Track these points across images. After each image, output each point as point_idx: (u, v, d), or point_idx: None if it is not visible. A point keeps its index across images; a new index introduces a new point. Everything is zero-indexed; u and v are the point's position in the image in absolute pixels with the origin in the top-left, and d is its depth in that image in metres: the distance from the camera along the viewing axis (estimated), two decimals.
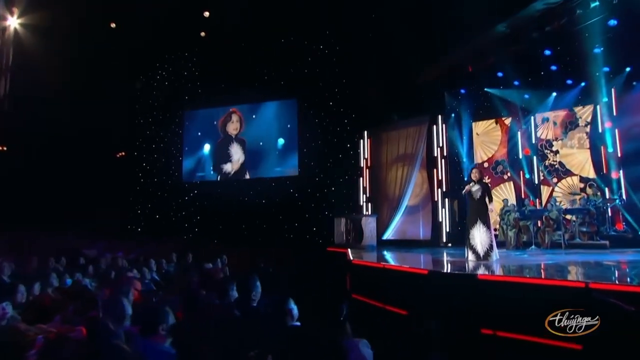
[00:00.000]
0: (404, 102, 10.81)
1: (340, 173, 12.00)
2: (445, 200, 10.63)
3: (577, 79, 10.09)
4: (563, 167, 10.64)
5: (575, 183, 10.42)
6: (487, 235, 6.49)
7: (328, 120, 12.33)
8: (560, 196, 10.60)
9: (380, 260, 7.15)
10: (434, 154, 10.82)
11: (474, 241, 6.54)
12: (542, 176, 10.91)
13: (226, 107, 13.55)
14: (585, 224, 9.49)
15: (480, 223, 6.51)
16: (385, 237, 11.01)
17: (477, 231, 6.51)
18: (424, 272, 5.32)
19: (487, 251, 6.48)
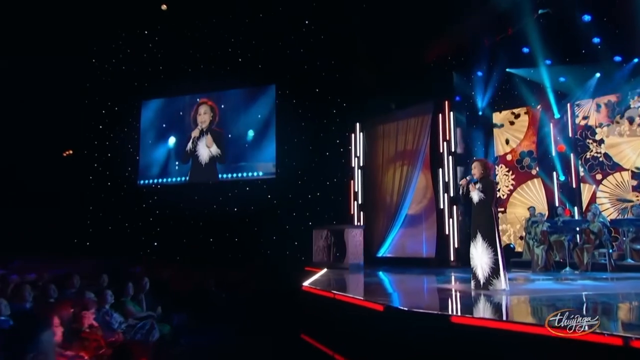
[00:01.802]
0: (404, 87, 10.03)
1: (326, 175, 11.35)
2: (454, 209, 9.62)
3: (629, 54, 9.08)
4: (609, 160, 9.52)
5: (627, 181, 9.29)
6: (490, 255, 5.10)
7: (313, 111, 11.57)
8: (606, 202, 9.54)
9: (340, 287, 5.92)
10: (440, 150, 9.90)
11: (473, 263, 5.24)
12: (581, 173, 9.72)
13: (194, 95, 12.82)
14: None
15: (480, 237, 5.14)
16: (381, 254, 10.38)
17: (475, 249, 5.18)
18: (379, 308, 3.87)
19: (488, 278, 5.10)
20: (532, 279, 7.13)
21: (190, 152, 12.65)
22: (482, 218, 5.21)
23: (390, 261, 10.07)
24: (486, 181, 5.33)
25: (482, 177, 5.31)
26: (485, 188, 5.25)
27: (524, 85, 10.05)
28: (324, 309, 5.03)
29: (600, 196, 9.60)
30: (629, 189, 9.28)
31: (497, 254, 5.12)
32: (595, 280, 6.78)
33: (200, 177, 12.46)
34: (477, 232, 5.20)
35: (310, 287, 5.69)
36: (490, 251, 5.11)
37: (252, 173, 12.04)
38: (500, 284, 5.12)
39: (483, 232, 5.15)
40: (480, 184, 5.29)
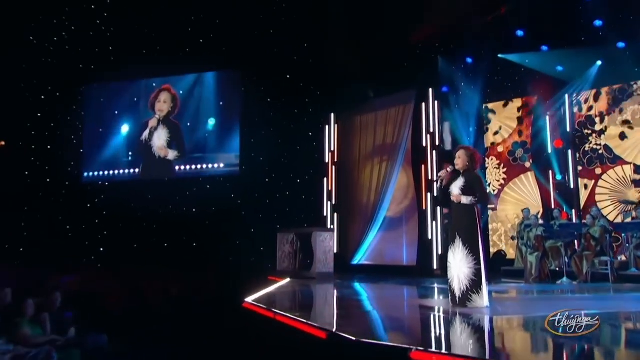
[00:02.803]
0: (384, 73, 9.78)
1: (297, 171, 10.94)
2: (437, 210, 9.22)
3: (633, 40, 8.71)
4: (610, 152, 9.21)
5: (629, 175, 8.96)
6: (470, 264, 4.41)
7: (282, 100, 11.01)
8: (606, 200, 9.21)
9: (289, 305, 5.34)
10: (423, 143, 9.56)
11: (450, 273, 4.58)
12: (579, 167, 9.38)
13: (150, 80, 12.11)
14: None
15: (460, 243, 4.47)
16: (356, 261, 10.06)
17: (453, 257, 4.52)
18: (322, 335, 3.12)
19: (466, 292, 4.39)
20: (523, 291, 6.55)
21: (145, 142, 11.95)
22: (464, 219, 4.54)
23: (366, 270, 9.75)
24: (471, 175, 4.64)
25: (466, 169, 4.63)
26: (468, 183, 4.56)
27: (518, 73, 9.74)
28: (263, 331, 4.29)
29: (599, 192, 9.23)
30: (630, 184, 8.96)
31: (479, 263, 4.44)
32: (598, 295, 6.23)
33: (154, 171, 11.83)
34: (456, 236, 4.53)
35: (251, 305, 4.96)
36: (471, 260, 4.44)
37: (212, 165, 11.47)
38: (481, 300, 4.43)
39: (464, 236, 4.49)
40: (463, 178, 4.61)
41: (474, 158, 4.68)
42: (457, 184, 4.60)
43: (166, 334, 6.01)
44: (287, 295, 6.46)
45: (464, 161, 4.63)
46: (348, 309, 5.33)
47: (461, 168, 4.64)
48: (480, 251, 4.48)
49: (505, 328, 4.07)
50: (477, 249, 4.47)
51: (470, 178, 4.58)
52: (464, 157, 4.65)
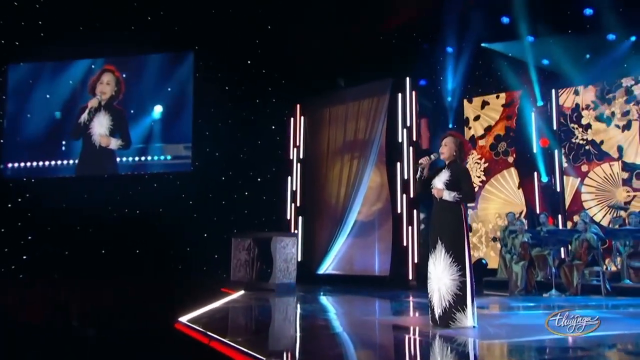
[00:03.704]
0: (356, 60, 9.54)
1: (257, 169, 10.57)
2: (414, 214, 8.96)
3: (624, 31, 8.72)
4: (597, 148, 9.19)
5: (617, 173, 8.94)
6: (454, 275, 3.98)
7: (241, 87, 10.59)
8: (590, 201, 9.12)
9: (231, 326, 4.87)
10: (399, 139, 9.32)
11: (430, 285, 4.15)
12: (564, 164, 9.37)
13: (89, 60, 11.33)
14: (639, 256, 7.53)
15: (443, 249, 4.04)
16: (323, 270, 9.85)
17: (434, 266, 4.11)
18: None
19: (449, 309, 3.96)
20: (511, 307, 6.09)
21: (84, 125, 11.08)
22: (447, 220, 4.09)
23: (334, 280, 9.48)
24: (457, 168, 4.20)
25: (452, 160, 4.18)
26: (454, 177, 4.10)
27: (503, 64, 9.57)
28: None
29: (585, 192, 9.16)
30: (619, 182, 8.91)
31: (464, 274, 4.00)
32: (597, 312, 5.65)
33: (93, 163, 11.06)
34: (438, 241, 4.08)
35: (184, 326, 4.32)
36: (455, 270, 4.00)
37: (157, 157, 10.81)
38: (467, 319, 3.98)
39: (447, 241, 4.04)
40: (448, 170, 4.15)
41: (463, 147, 4.24)
42: (440, 177, 4.15)
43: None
44: (236, 312, 5.90)
45: (450, 150, 4.19)
46: (308, 330, 4.75)
47: (447, 158, 4.21)
48: (466, 260, 4.02)
49: (498, 356, 3.56)
50: (463, 257, 4.02)
51: (456, 171, 4.12)
52: (452, 145, 4.21)
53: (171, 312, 4.94)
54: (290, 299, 7.11)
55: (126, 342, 4.02)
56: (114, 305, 6.42)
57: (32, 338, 4.78)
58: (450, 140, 4.21)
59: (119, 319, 5.23)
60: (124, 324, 4.85)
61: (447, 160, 4.20)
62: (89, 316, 5.87)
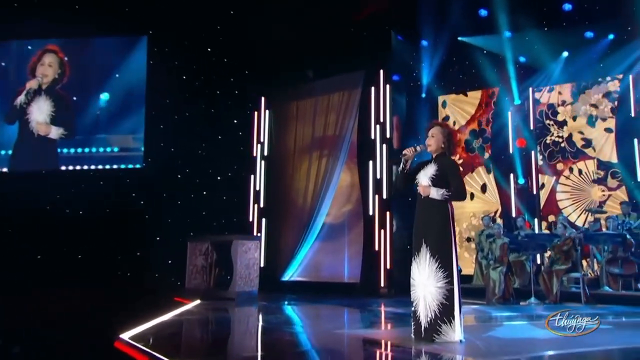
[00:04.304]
0: (326, 51, 9.40)
1: (217, 166, 10.31)
2: (387, 216, 8.84)
3: (602, 30, 8.94)
4: (573, 146, 9.41)
5: (592, 172, 9.19)
6: (440, 282, 3.77)
7: (201, 77, 10.32)
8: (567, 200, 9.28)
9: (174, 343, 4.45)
10: (371, 136, 9.21)
11: (414, 293, 3.90)
12: (539, 162, 9.57)
13: (26, 42, 10.72)
14: (619, 262, 7.62)
15: (428, 253, 3.82)
16: (288, 277, 9.77)
17: (418, 271, 3.87)
18: None
19: (434, 321, 3.74)
20: (493, 318, 5.88)
21: (20, 109, 10.41)
22: (433, 220, 3.86)
23: (300, 287, 9.36)
24: (445, 161, 3.95)
25: (440, 152, 3.95)
26: (442, 171, 3.88)
27: (481, 60, 9.70)
28: None
29: (560, 191, 9.37)
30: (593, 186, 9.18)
31: (452, 281, 3.78)
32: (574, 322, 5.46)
33: (30, 154, 10.49)
34: (422, 244, 3.86)
35: (125, 344, 3.90)
36: (442, 276, 3.78)
37: (102, 149, 10.36)
38: (453, 332, 3.75)
39: (432, 244, 3.82)
40: (435, 164, 3.91)
41: (452, 138, 4.02)
42: (426, 172, 3.91)
43: None
44: (190, 325, 5.54)
45: (438, 141, 3.96)
46: (270, 347, 4.41)
47: (434, 151, 3.97)
48: (453, 265, 3.80)
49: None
50: (450, 262, 3.79)
51: (444, 164, 3.89)
52: (440, 136, 3.97)
53: (112, 326, 4.52)
54: (252, 310, 6.90)
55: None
56: (46, 319, 5.86)
57: None
58: (438, 131, 3.95)
59: (49, 334, 4.70)
60: (54, 341, 4.34)
61: (435, 152, 3.97)
62: (14, 331, 5.31)
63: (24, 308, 6.94)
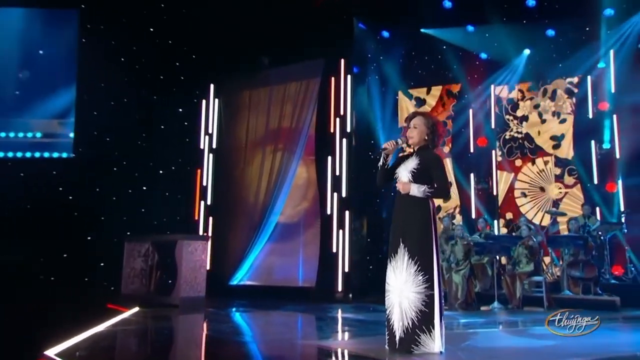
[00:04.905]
0: (282, 36, 9.32)
1: (159, 159, 9.98)
2: (346, 215, 8.82)
3: (563, 28, 9.27)
4: (531, 142, 9.67)
5: (549, 169, 9.53)
6: (419, 287, 3.63)
7: (143, 60, 9.83)
8: (523, 198, 9.52)
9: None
10: (330, 129, 9.14)
11: (388, 300, 3.74)
12: (499, 158, 9.76)
13: None
14: (580, 266, 7.76)
15: (406, 254, 3.66)
16: (237, 281, 9.67)
17: (394, 274, 3.71)
18: None
19: (412, 330, 3.59)
20: (464, 325, 5.79)
21: None
22: (413, 218, 3.71)
23: (250, 292, 9.30)
24: (428, 155, 3.79)
25: (423, 145, 3.78)
26: (424, 166, 3.73)
27: (442, 53, 9.78)
28: None
29: (518, 188, 9.61)
30: (551, 178, 9.48)
31: (432, 286, 3.65)
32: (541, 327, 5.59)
33: None
34: (400, 244, 3.70)
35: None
36: (422, 281, 3.64)
37: (22, 134, 9.76)
38: (433, 343, 3.59)
39: (411, 245, 3.67)
40: (417, 157, 3.75)
41: (436, 130, 3.86)
42: (407, 166, 3.75)
43: None
44: (126, 338, 5.20)
45: (421, 133, 3.79)
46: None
47: (416, 144, 3.79)
48: (434, 268, 3.65)
49: None
50: (431, 265, 3.64)
51: (426, 158, 3.72)
52: (422, 127, 3.80)
53: (35, 341, 4.18)
54: (198, 317, 6.71)
55: None
56: None
57: None
58: (421, 122, 3.77)
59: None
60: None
61: (417, 145, 3.78)
62: None
63: None
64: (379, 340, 3.83)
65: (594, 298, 7.58)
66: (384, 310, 3.77)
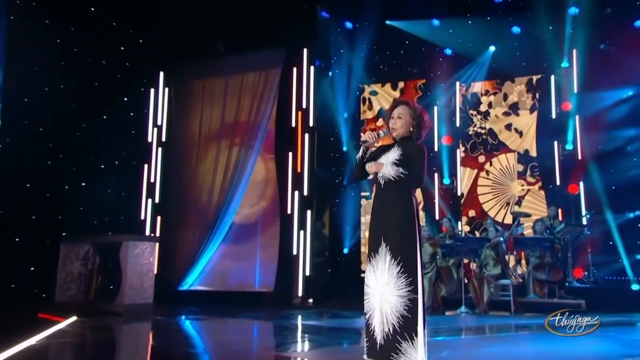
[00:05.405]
0: (241, 22, 9.15)
1: (101, 153, 9.61)
2: (307, 214, 8.75)
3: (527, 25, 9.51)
4: (495, 138, 9.84)
5: (512, 165, 9.68)
6: (401, 290, 3.46)
7: (82, 43, 9.38)
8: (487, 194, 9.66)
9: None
10: (292, 123, 9.06)
11: (368, 303, 3.57)
12: (461, 155, 9.89)
13: None
14: (546, 268, 7.89)
15: (388, 254, 3.49)
16: (188, 286, 9.47)
17: (374, 276, 3.53)
18: None
19: (392, 337, 3.43)
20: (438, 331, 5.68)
21: None
22: (395, 214, 3.53)
23: (203, 298, 9.12)
24: (412, 146, 3.60)
25: (407, 136, 3.60)
26: (406, 156, 3.55)
27: (408, 50, 9.98)
28: None
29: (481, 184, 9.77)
30: (514, 175, 9.69)
31: (415, 290, 3.46)
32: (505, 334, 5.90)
33: None
34: (381, 243, 3.53)
35: None
36: (404, 283, 3.45)
37: None
38: (415, 351, 3.41)
39: (394, 244, 3.49)
40: (399, 148, 3.57)
41: (421, 120, 3.64)
42: (388, 157, 3.58)
43: None
44: (59, 351, 4.89)
45: (407, 124, 3.58)
46: None
47: (400, 134, 3.59)
48: (418, 270, 3.49)
49: None
50: (415, 267, 3.48)
51: (410, 149, 3.55)
52: (408, 118, 3.58)
53: None
54: (144, 327, 6.47)
55: None
56: None
57: None
58: (406, 112, 3.56)
59: None
60: None
61: (400, 136, 3.58)
62: None
63: None
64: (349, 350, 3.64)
65: (560, 301, 7.68)
66: (346, 316, 3.58)
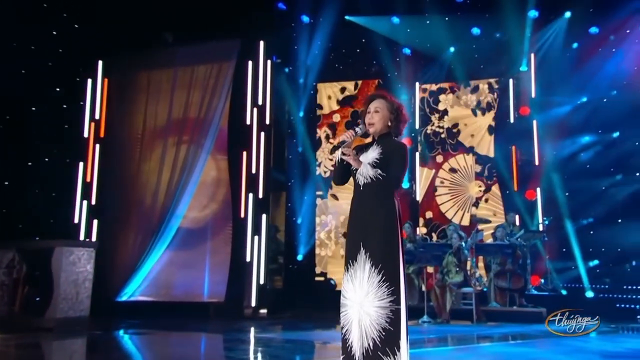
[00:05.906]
0: (192, 9, 8.99)
1: (30, 149, 9.21)
2: (262, 218, 8.73)
3: (487, 27, 9.71)
4: (453, 137, 10.05)
5: (470, 166, 9.86)
6: (382, 301, 3.35)
7: (8, 27, 8.71)
8: (445, 195, 9.81)
9: None
10: (246, 121, 8.97)
11: (346, 314, 3.42)
12: (416, 155, 10.01)
13: None
14: (507, 276, 8.04)
15: (368, 262, 3.39)
16: (128, 296, 9.19)
17: (352, 286, 3.44)
18: None
19: (372, 351, 3.32)
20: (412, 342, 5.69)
21: None
22: (376, 218, 3.42)
23: (145, 310, 8.85)
24: (391, 143, 3.49)
25: (385, 132, 3.48)
26: (386, 155, 3.44)
27: (366, 47, 9.93)
28: None
29: (439, 184, 9.90)
30: (472, 176, 9.86)
31: (398, 300, 3.34)
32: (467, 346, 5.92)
33: None
34: (360, 249, 3.43)
35: None
36: (385, 293, 3.33)
37: None
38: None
39: (375, 251, 3.37)
40: (378, 146, 3.46)
41: (400, 115, 3.46)
42: (367, 157, 3.46)
43: None
44: None
45: (384, 119, 3.44)
46: None
47: (378, 129, 3.46)
48: (401, 279, 3.35)
49: None
50: (397, 275, 3.34)
51: (390, 147, 3.43)
52: (386, 112, 3.44)
53: None
54: (78, 343, 6.24)
55: None
56: None
57: None
58: (384, 105, 3.41)
59: None
60: None
61: (378, 133, 3.41)
62: None
63: None
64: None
65: (521, 310, 7.89)
66: (303, 327, 3.37)
